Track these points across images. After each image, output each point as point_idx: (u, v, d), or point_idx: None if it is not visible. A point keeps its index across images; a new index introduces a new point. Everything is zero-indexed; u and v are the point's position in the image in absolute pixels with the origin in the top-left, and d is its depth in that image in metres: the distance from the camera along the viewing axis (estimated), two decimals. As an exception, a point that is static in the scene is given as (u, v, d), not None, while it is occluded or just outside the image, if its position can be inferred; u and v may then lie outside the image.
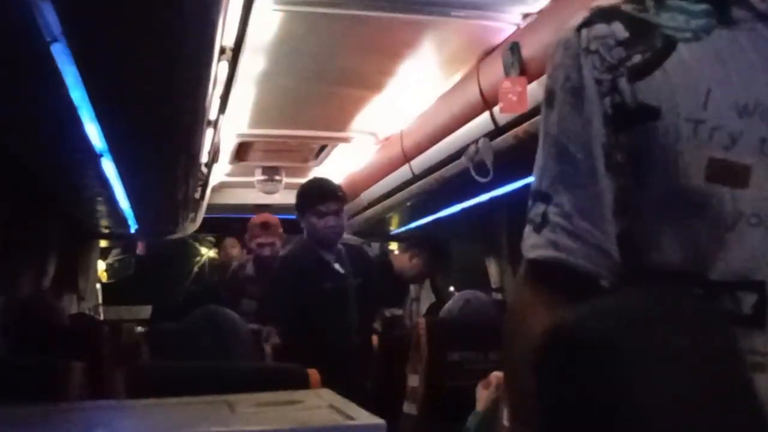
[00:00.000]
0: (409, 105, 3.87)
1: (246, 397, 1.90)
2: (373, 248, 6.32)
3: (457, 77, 3.40)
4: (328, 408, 1.80)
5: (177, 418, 1.83)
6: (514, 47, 2.70)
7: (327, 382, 2.20)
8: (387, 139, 4.45)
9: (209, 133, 3.30)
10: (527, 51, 2.67)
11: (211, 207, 5.32)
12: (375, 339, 4.30)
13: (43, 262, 4.17)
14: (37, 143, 2.90)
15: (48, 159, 3.09)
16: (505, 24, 2.87)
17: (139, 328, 4.48)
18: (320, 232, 3.87)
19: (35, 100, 2.36)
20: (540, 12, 2.68)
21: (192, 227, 5.36)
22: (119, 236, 5.63)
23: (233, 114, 3.55)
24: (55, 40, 1.81)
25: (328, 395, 1.95)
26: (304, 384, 2.16)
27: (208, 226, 5.71)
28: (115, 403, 2.20)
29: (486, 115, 3.11)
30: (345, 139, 4.64)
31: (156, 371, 2.25)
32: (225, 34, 2.37)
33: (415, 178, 4.15)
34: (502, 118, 3.02)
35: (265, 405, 1.84)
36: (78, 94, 2.20)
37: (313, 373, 2.19)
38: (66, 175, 3.34)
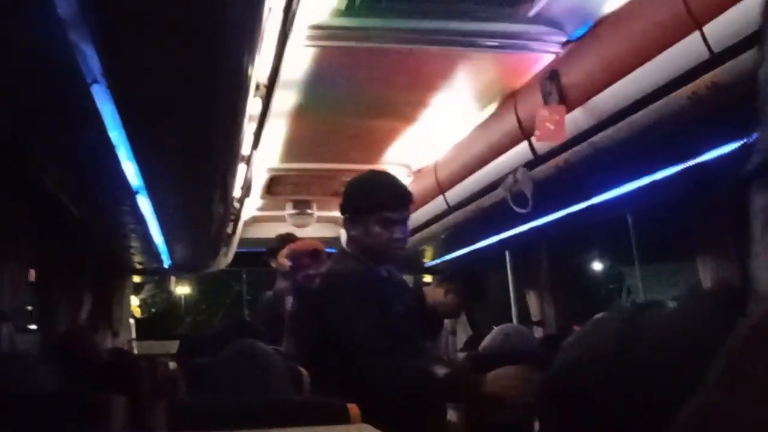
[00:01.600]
0: (443, 136, 3.88)
1: (286, 433, 1.89)
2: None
3: (493, 107, 3.40)
4: (369, 444, 1.78)
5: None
6: (553, 75, 2.71)
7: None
8: (420, 170, 4.45)
9: (242, 168, 3.33)
10: (567, 79, 2.67)
11: (243, 241, 5.35)
12: None
13: (79, 296, 4.20)
14: (74, 180, 2.94)
15: (85, 196, 3.13)
16: (542, 53, 2.87)
17: (173, 363, 4.49)
18: (384, 246, 2.89)
19: (74, 138, 2.40)
20: (579, 40, 2.68)
21: (225, 262, 5.38)
22: (153, 271, 5.67)
23: (265, 148, 3.58)
24: (95, 81, 1.84)
25: (369, 431, 1.93)
26: (343, 419, 2.14)
27: (240, 260, 5.73)
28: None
29: (524, 144, 3.11)
30: (378, 172, 4.64)
31: (195, 406, 2.25)
32: (259, 71, 2.39)
33: (451, 209, 4.14)
34: (541, 148, 3.01)
35: (304, 440, 1.83)
36: (116, 133, 2.23)
37: (353, 408, 2.18)
38: (102, 212, 3.37)
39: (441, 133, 3.84)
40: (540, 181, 3.18)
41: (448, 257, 5.68)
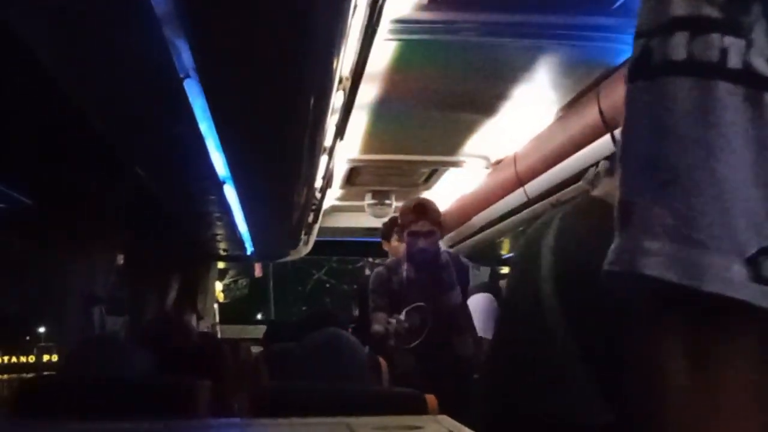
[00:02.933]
0: (522, 128, 3.86)
1: (365, 421, 1.93)
2: (482, 272, 6.29)
3: (574, 99, 3.37)
4: (448, 434, 1.81)
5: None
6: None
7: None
8: (499, 162, 4.45)
9: (324, 159, 3.39)
10: (654, 71, 2.63)
11: (323, 230, 5.43)
12: None
13: (166, 282, 4.35)
14: (164, 171, 3.05)
15: (174, 186, 3.24)
16: (626, 46, 2.84)
17: (256, 348, 4.60)
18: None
19: (165, 131, 2.50)
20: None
21: (305, 250, 5.48)
22: (236, 258, 5.81)
23: (346, 140, 3.63)
24: (188, 75, 1.91)
25: (447, 422, 1.96)
26: (421, 409, 2.18)
27: (320, 248, 5.82)
28: (239, 422, 2.28)
29: (606, 137, 3.08)
30: (456, 163, 4.66)
31: (277, 391, 2.31)
32: (343, 65, 2.44)
33: (530, 201, 4.13)
34: (625, 141, 2.98)
35: (384, 429, 1.87)
36: (205, 126, 2.31)
37: (431, 399, 2.20)
38: (190, 201, 3.49)
39: (521, 125, 3.83)
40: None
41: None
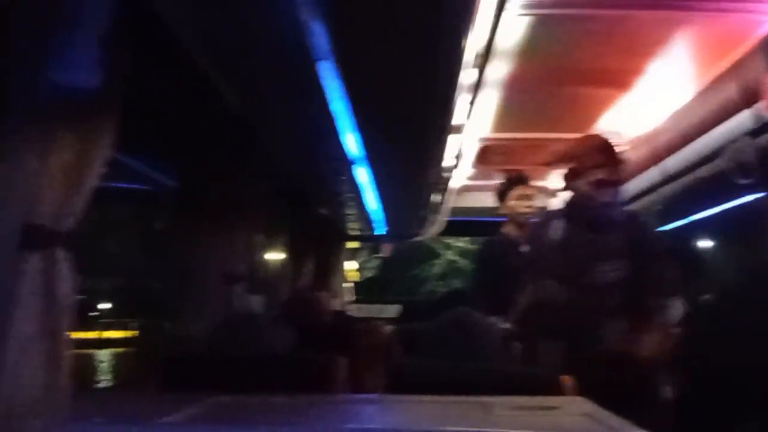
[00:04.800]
0: (658, 103, 3.73)
1: (501, 401, 1.92)
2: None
3: (713, 73, 3.23)
4: (586, 417, 1.77)
5: (436, 416, 1.88)
6: (781, 40, 2.53)
7: None
8: (635, 138, 4.31)
9: (456, 138, 3.37)
10: (800, 44, 2.49)
11: (453, 210, 5.42)
12: None
13: (301, 262, 4.45)
14: (297, 152, 3.11)
15: (307, 167, 3.31)
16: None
17: (389, 327, 4.65)
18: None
19: (298, 113, 2.55)
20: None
21: (436, 230, 5.49)
22: (367, 238, 5.89)
23: (477, 118, 3.60)
24: (322, 58, 1.94)
25: (584, 404, 1.92)
26: (555, 391, 2.14)
27: (450, 228, 5.82)
28: (375, 398, 2.31)
29: (747, 112, 2.94)
30: (589, 140, 4.54)
31: (411, 369, 2.33)
32: (474, 42, 2.41)
33: (666, 179, 3.98)
34: (768, 116, 2.83)
35: (520, 409, 1.85)
36: (339, 107, 2.34)
37: (568, 380, 2.17)
38: (322, 182, 3.55)
39: (657, 100, 3.69)
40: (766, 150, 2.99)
41: (661, 229, 5.46)
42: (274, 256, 4.27)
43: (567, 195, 3.17)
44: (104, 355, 22.99)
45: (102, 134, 1.47)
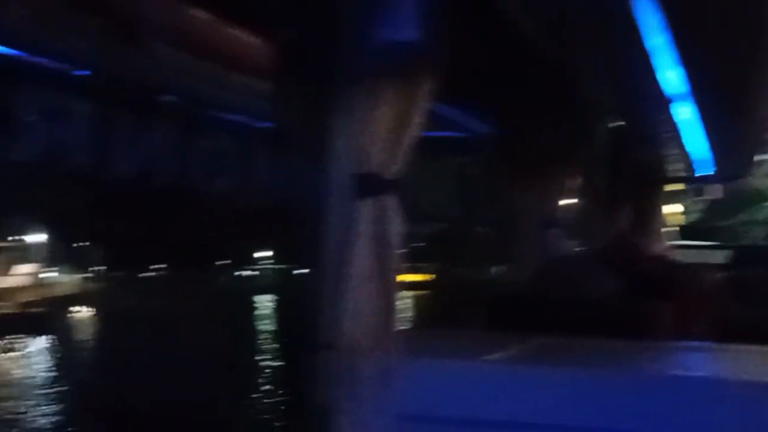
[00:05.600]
0: None
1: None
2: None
3: None
4: None
5: (765, 367, 1.77)
6: None
7: None
8: None
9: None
10: None
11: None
12: None
13: (620, 206, 4.33)
14: (613, 93, 3.02)
15: (624, 108, 3.20)
16: None
17: (714, 273, 4.39)
18: None
19: (613, 52, 2.47)
20: None
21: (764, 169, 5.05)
22: (687, 180, 5.59)
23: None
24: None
25: None
26: None
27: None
28: (700, 346, 2.21)
29: None
30: None
31: (743, 318, 2.20)
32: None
33: None
34: None
35: None
36: (659, 42, 2.23)
37: None
38: (638, 121, 3.42)
39: None
40: None
41: None
42: (593, 200, 4.20)
43: None
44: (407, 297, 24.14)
45: (423, 87, 1.54)
